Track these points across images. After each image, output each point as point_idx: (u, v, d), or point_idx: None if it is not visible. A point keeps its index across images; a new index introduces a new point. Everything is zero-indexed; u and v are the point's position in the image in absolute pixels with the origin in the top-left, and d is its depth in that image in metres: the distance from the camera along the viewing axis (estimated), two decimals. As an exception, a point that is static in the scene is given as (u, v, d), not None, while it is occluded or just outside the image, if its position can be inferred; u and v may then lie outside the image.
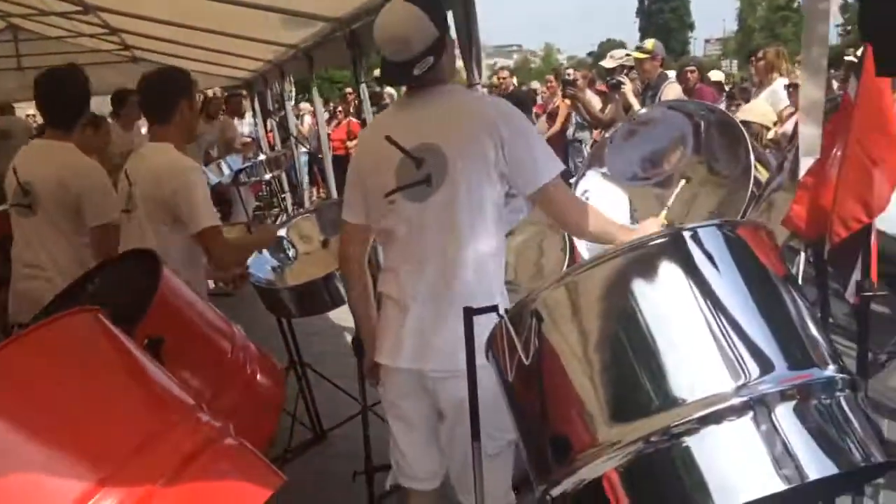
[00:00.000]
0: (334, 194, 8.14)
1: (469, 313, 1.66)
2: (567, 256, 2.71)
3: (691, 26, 66.08)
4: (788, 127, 4.43)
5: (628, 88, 5.50)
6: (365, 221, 2.31)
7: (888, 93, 1.70)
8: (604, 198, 2.87)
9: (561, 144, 8.74)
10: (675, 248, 1.58)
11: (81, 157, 3.17)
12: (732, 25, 58.67)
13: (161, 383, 1.61)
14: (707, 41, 66.65)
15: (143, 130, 7.79)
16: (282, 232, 3.79)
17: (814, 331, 1.57)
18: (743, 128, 2.59)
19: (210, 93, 11.63)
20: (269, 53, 7.73)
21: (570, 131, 8.59)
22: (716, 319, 1.51)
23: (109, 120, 7.66)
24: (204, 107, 8.35)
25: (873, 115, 1.67)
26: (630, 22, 70.25)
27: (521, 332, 1.61)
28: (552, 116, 9.01)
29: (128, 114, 6.82)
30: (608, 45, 60.06)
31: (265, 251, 3.69)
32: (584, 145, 8.42)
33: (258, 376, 2.33)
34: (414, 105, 2.24)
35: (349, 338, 3.40)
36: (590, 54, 63.81)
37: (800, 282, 1.90)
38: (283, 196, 10.07)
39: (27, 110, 17.83)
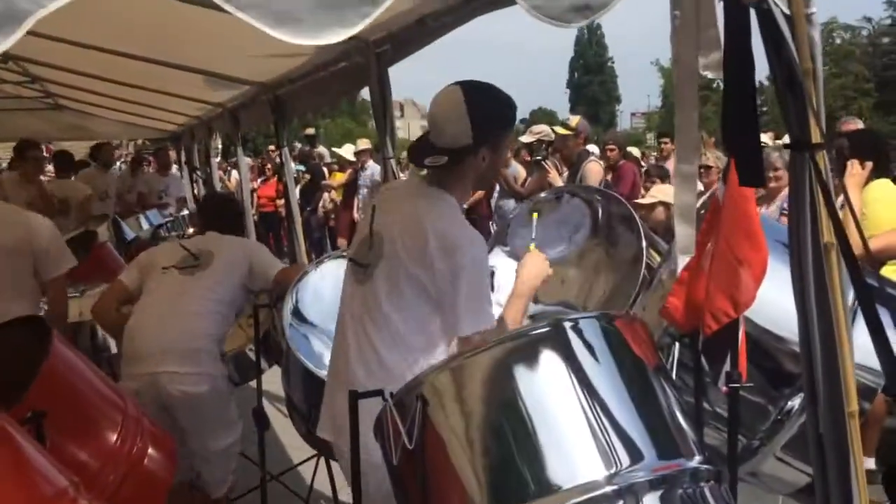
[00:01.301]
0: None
1: (354, 397, 1.69)
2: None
3: (618, 99, 68.81)
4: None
5: (554, 176, 5.65)
6: None
7: (752, 199, 1.84)
8: (508, 275, 2.94)
9: (485, 211, 8.96)
10: (555, 337, 1.65)
11: None
12: (657, 101, 61.38)
13: (35, 463, 1.57)
14: (633, 114, 69.38)
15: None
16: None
17: (682, 422, 1.66)
18: (636, 214, 2.74)
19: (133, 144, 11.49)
20: (195, 110, 7.70)
21: (494, 198, 8.82)
22: (591, 409, 1.58)
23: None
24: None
25: (739, 219, 1.81)
26: (561, 92, 72.68)
27: (406, 415, 1.64)
28: (476, 183, 9.23)
29: (32, 166, 6.74)
30: (539, 114, 61.91)
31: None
32: (508, 212, 8.64)
33: (149, 450, 2.28)
34: (408, 192, 2.18)
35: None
36: (522, 121, 65.61)
37: (675, 369, 1.99)
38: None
39: (-60, 152, 17.25)
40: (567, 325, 1.66)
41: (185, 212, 9.18)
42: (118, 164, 13.47)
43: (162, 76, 5.42)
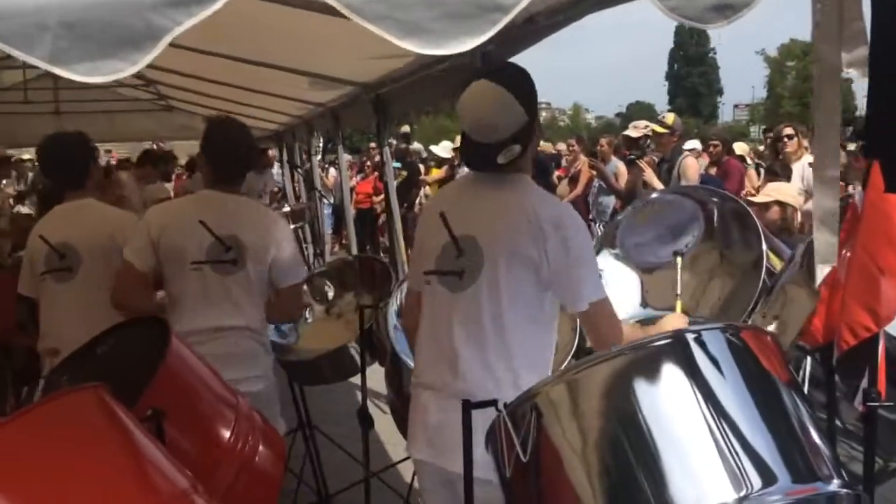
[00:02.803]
0: (354, 247, 8.21)
1: (467, 406, 1.66)
2: (577, 337, 2.70)
3: (720, 91, 66.41)
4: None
5: (650, 175, 5.52)
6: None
7: (895, 203, 1.70)
8: (616, 278, 2.86)
9: (583, 208, 8.81)
10: (678, 350, 1.57)
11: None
12: (761, 92, 58.88)
13: (157, 463, 1.61)
14: (736, 106, 66.87)
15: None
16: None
17: (817, 440, 1.55)
18: (755, 216, 2.59)
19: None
20: (298, 109, 7.86)
21: (592, 195, 8.65)
22: (718, 426, 1.49)
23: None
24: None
25: (880, 226, 1.67)
26: (659, 84, 70.84)
27: (520, 427, 1.60)
28: (574, 180, 9.09)
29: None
30: (636, 108, 60.48)
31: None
32: (606, 209, 8.47)
33: (259, 448, 2.32)
34: (478, 189, 2.15)
35: (360, 397, 3.37)
36: (618, 115, 64.33)
37: (807, 385, 1.87)
38: (305, 246, 10.17)
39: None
40: (690, 336, 1.58)
41: (287, 208, 9.43)
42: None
43: (266, 78, 5.55)
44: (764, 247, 2.47)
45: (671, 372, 1.55)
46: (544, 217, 2.03)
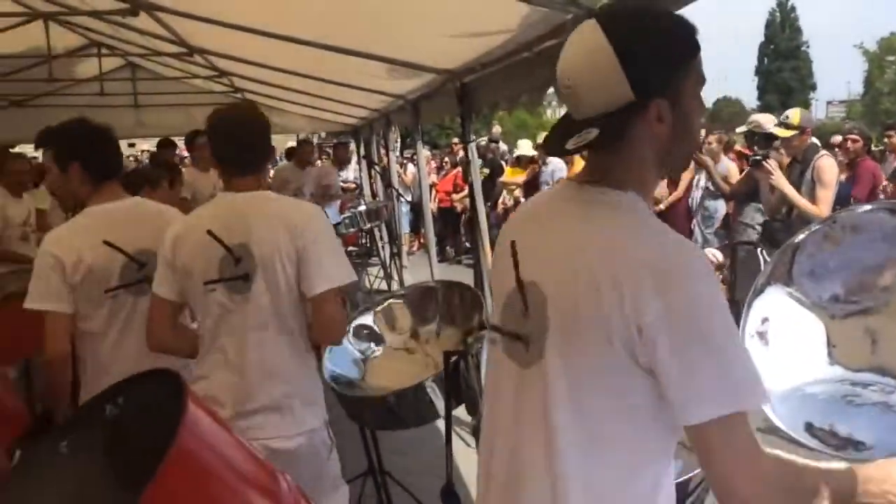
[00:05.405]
0: (433, 247, 7.64)
1: None
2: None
3: (813, 87, 63.16)
4: None
5: (779, 178, 4.60)
6: None
7: None
8: (791, 327, 2.14)
9: (684, 212, 7.94)
10: None
11: None
12: (858, 87, 55.53)
13: None
14: (829, 103, 63.36)
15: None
16: (368, 318, 3.19)
17: None
18: None
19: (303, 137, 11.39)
20: (376, 103, 7.39)
21: (696, 197, 7.78)
22: None
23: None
24: (294, 152, 7.90)
25: None
26: (748, 79, 68.02)
27: None
28: (673, 181, 8.23)
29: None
30: (724, 104, 58.10)
31: (346, 339, 3.09)
32: (714, 214, 7.60)
33: (312, 551, 1.71)
34: (562, 203, 1.37)
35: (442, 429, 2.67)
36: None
37: None
38: (382, 245, 9.69)
39: (142, 146, 18.58)
40: None
41: (363, 207, 8.92)
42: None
43: (344, 67, 5.07)
44: None
45: None
46: (639, 274, 1.18)
